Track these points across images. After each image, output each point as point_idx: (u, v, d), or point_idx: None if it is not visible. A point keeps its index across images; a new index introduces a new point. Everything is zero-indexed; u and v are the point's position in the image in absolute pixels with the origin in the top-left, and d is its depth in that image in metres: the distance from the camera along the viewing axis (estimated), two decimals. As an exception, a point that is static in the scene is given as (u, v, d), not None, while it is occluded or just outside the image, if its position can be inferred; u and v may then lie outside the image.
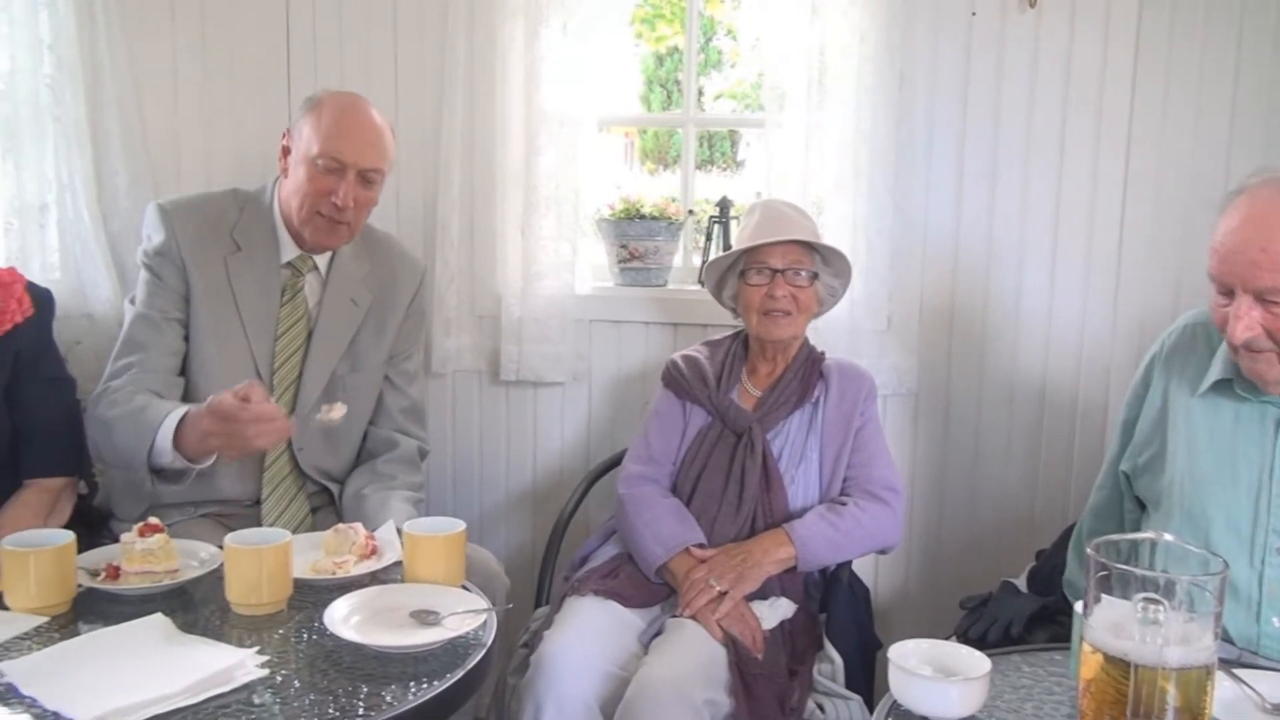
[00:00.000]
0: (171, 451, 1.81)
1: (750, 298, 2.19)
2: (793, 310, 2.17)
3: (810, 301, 2.20)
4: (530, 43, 2.64)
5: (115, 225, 2.57)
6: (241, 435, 1.73)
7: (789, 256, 2.17)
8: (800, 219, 2.22)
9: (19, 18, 2.39)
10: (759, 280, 2.18)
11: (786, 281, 2.16)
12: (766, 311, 2.17)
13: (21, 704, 1.28)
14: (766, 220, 2.21)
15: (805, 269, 2.17)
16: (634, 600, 2.06)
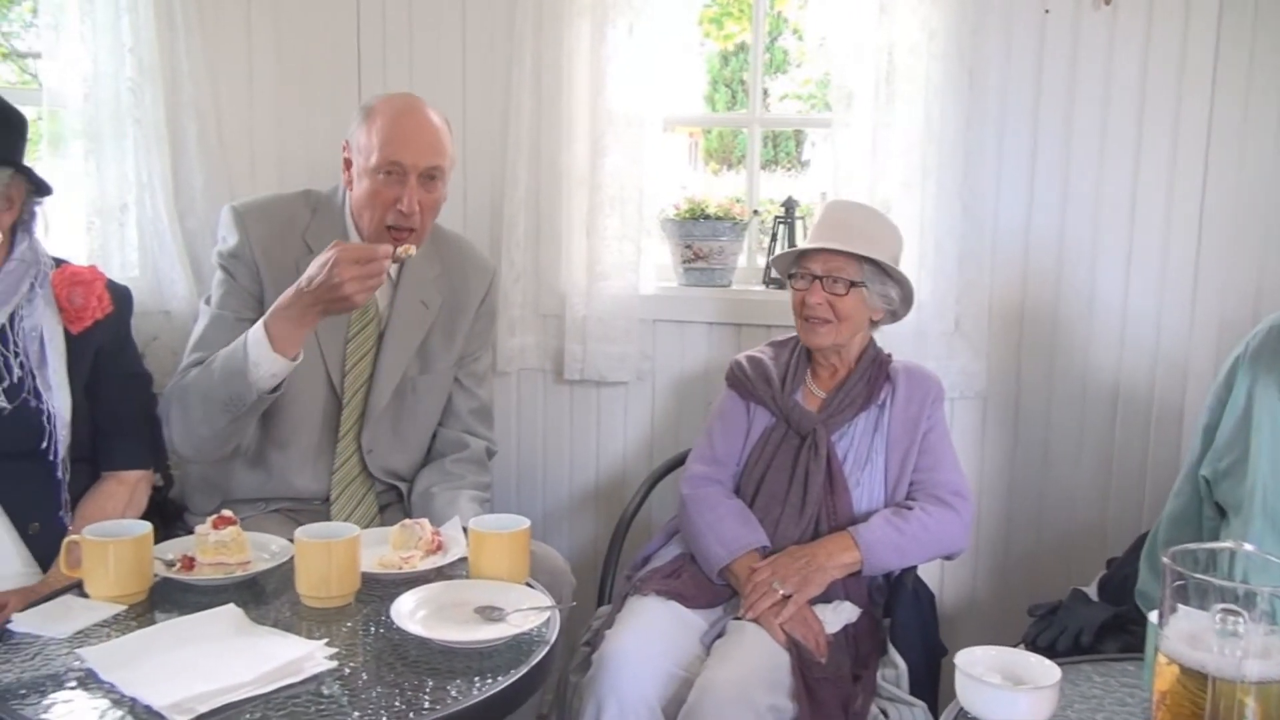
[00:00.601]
0: (270, 353, 1.86)
1: (793, 301, 2.20)
2: (830, 318, 2.15)
3: (851, 310, 2.16)
4: (596, 43, 2.65)
5: (191, 224, 2.63)
6: (375, 259, 1.81)
7: (829, 263, 2.14)
8: (862, 224, 2.18)
9: (102, 23, 2.46)
10: (800, 285, 2.18)
11: (824, 289, 2.14)
12: (805, 317, 2.17)
13: (101, 689, 1.32)
14: (822, 224, 2.20)
15: (843, 277, 2.13)
16: (696, 601, 2.05)
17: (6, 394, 1.86)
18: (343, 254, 1.81)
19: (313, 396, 2.14)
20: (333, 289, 1.81)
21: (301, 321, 1.87)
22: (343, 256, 1.80)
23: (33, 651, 1.44)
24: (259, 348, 1.87)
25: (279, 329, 1.87)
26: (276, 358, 1.87)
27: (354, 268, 1.80)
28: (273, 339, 1.86)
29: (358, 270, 1.80)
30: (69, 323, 1.96)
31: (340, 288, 1.81)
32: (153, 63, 2.52)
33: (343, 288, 1.81)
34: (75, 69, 2.45)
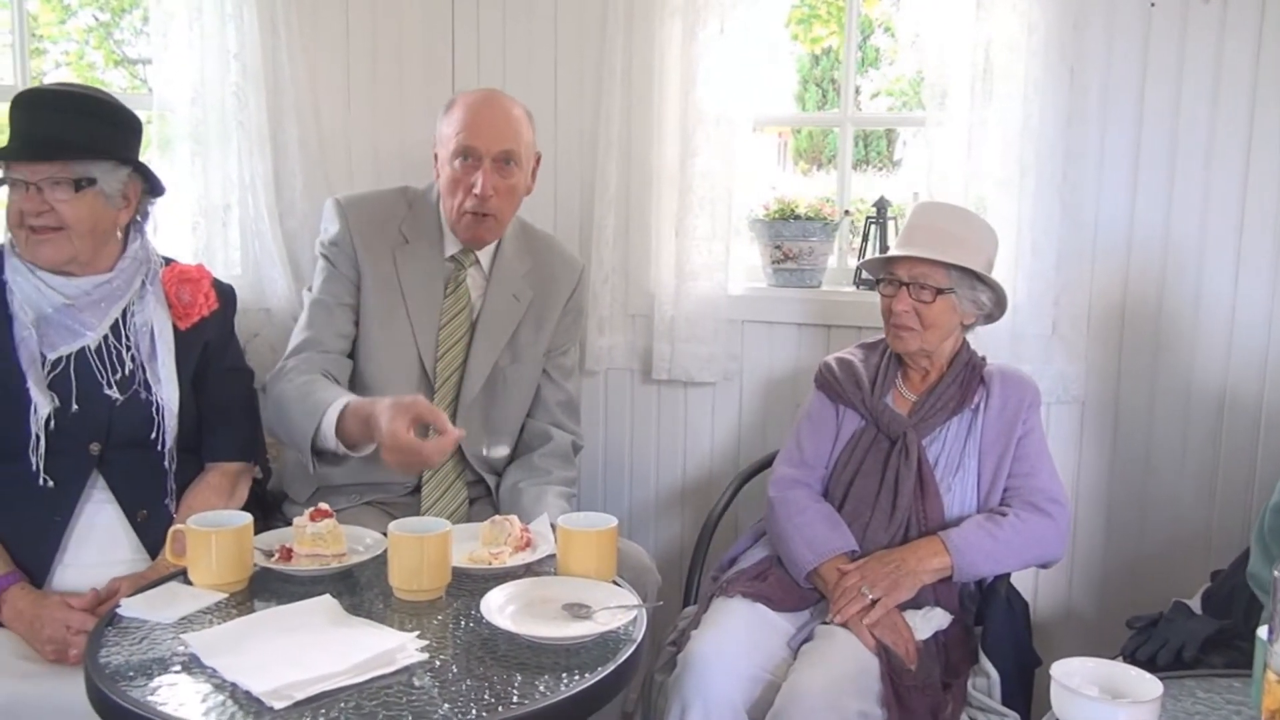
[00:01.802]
0: (334, 438, 1.89)
1: (881, 307, 2.17)
2: (916, 326, 2.11)
3: (938, 317, 2.11)
4: (687, 44, 2.65)
5: (291, 224, 2.70)
6: (420, 461, 1.81)
7: (915, 270, 2.10)
8: (953, 227, 2.14)
9: (209, 30, 2.54)
10: (888, 291, 2.15)
11: (910, 296, 2.10)
12: (891, 324, 2.14)
13: (203, 673, 1.37)
14: (910, 229, 2.16)
15: (930, 284, 2.09)
16: (783, 604, 2.04)
17: (119, 386, 1.93)
18: (389, 442, 1.79)
19: (406, 383, 2.20)
20: (423, 463, 1.84)
21: (367, 442, 1.89)
22: (388, 444, 1.79)
23: (140, 635, 1.49)
24: (329, 432, 1.90)
25: (348, 428, 1.89)
26: (339, 441, 1.91)
27: (395, 454, 1.80)
28: (341, 432, 1.89)
29: (397, 458, 1.80)
30: (177, 319, 2.02)
31: (428, 462, 1.83)
32: (256, 68, 2.59)
33: (430, 462, 1.84)
34: (183, 74, 2.54)
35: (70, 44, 5.42)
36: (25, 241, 1.88)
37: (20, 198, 1.86)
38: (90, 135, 1.89)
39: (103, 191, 1.91)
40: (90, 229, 1.90)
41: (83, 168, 1.88)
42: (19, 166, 1.85)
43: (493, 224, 2.19)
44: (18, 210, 1.86)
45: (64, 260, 1.90)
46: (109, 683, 1.34)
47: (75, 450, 1.89)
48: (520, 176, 2.20)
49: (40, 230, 1.86)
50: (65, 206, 1.86)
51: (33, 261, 1.90)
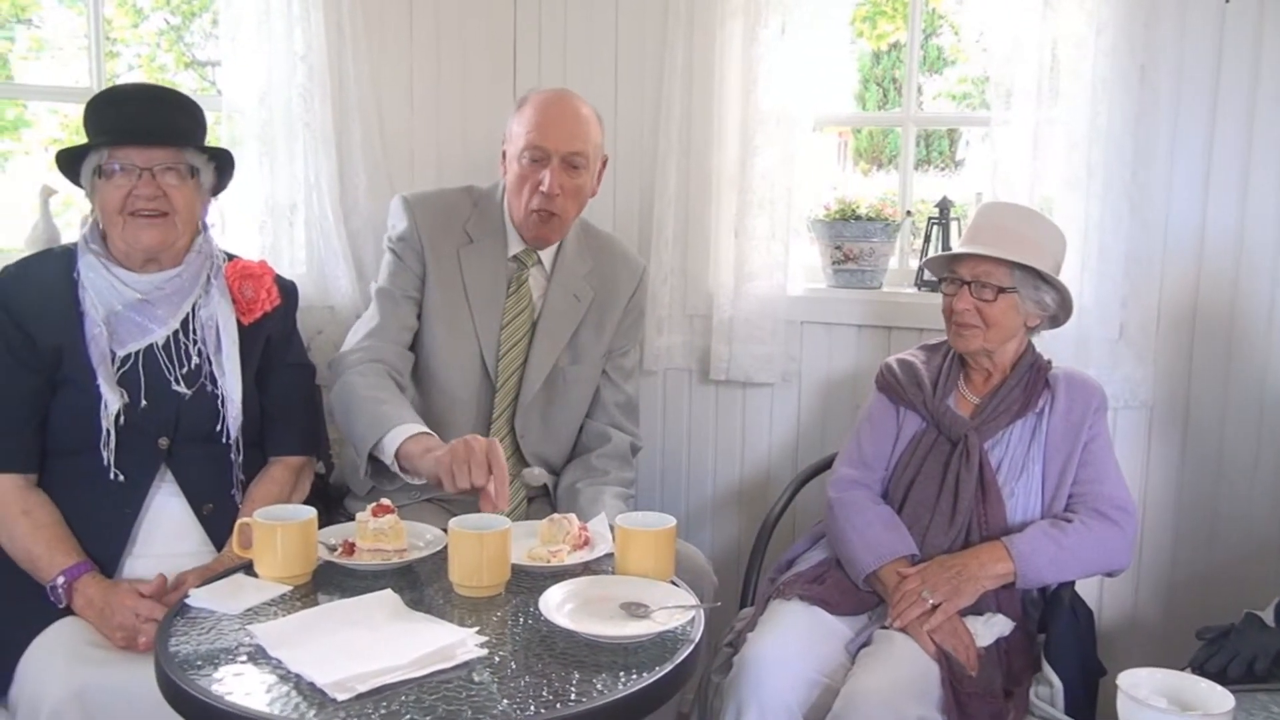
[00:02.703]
0: (393, 458, 1.88)
1: (943, 306, 2.14)
2: (978, 324, 2.08)
3: (1000, 317, 2.08)
4: (748, 43, 2.65)
5: (355, 223, 2.74)
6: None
7: (978, 269, 2.07)
8: (1018, 227, 2.10)
9: (277, 33, 2.58)
10: (949, 290, 2.12)
11: (972, 295, 2.07)
12: (953, 322, 2.11)
13: (268, 664, 1.39)
14: (974, 228, 2.13)
15: (992, 283, 2.06)
16: (841, 607, 2.02)
17: (186, 381, 1.97)
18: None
19: (468, 381, 2.22)
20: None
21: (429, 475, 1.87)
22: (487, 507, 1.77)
23: (208, 625, 1.52)
24: (389, 449, 1.89)
25: (407, 451, 1.87)
26: (395, 463, 1.90)
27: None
28: (400, 455, 1.88)
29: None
30: (241, 314, 2.06)
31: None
32: (322, 70, 2.63)
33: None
34: (251, 76, 2.59)
35: (143, 47, 5.56)
36: (124, 228, 1.92)
37: (129, 183, 1.90)
38: (191, 128, 1.97)
39: (201, 183, 1.98)
40: (190, 216, 1.97)
41: (191, 156, 1.95)
42: (133, 151, 1.90)
43: (557, 224, 2.20)
44: (123, 196, 1.90)
45: (165, 245, 1.95)
46: (178, 671, 1.37)
47: (144, 445, 1.93)
48: (587, 178, 2.22)
49: (147, 215, 1.91)
50: (176, 192, 1.92)
51: (133, 247, 1.94)
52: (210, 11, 4.80)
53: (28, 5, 4.81)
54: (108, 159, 1.91)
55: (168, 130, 1.93)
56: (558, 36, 2.91)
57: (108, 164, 1.91)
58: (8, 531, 1.86)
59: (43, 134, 4.95)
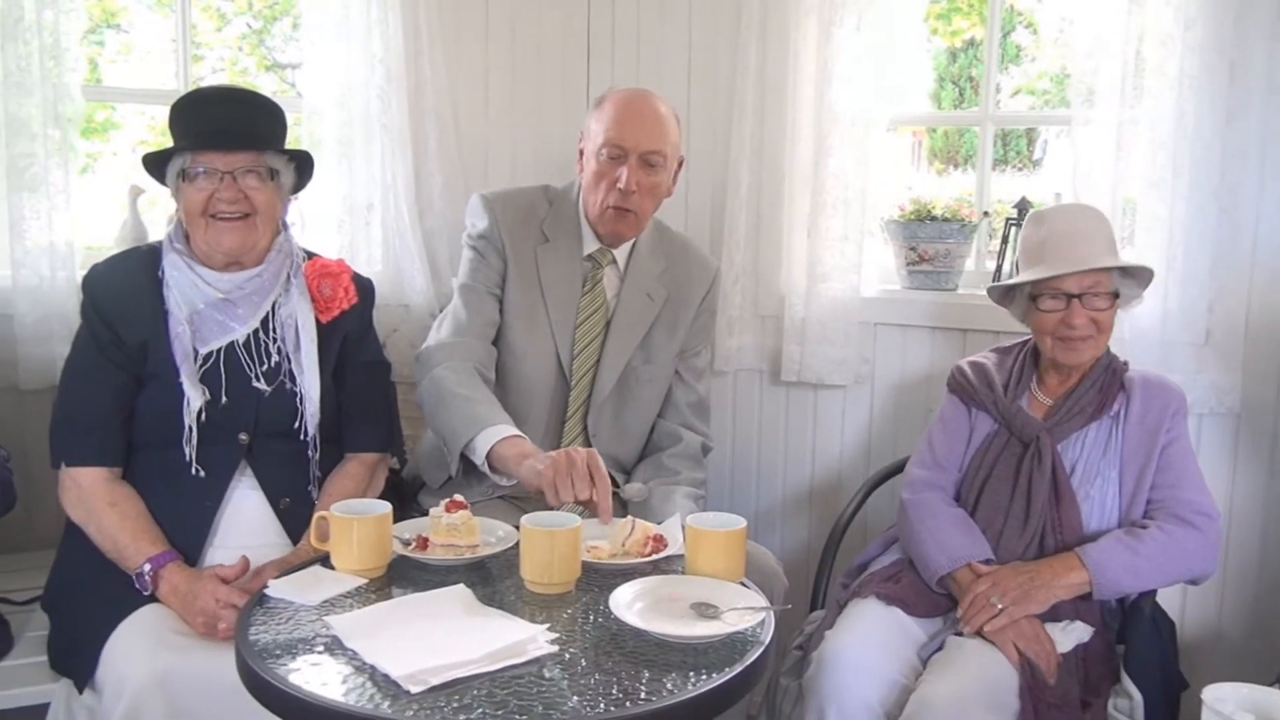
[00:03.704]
0: (484, 459, 1.91)
1: (1043, 323, 2.05)
2: (1093, 334, 2.02)
3: (1111, 321, 2.04)
4: (823, 42, 2.63)
5: (430, 223, 2.78)
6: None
7: (1086, 280, 2.00)
8: (1094, 227, 2.05)
9: (356, 36, 2.64)
10: (1052, 306, 2.03)
11: (1085, 307, 2.01)
12: (1064, 338, 2.03)
13: (344, 655, 1.42)
14: (1057, 237, 2.04)
15: (1105, 291, 2.01)
16: (917, 608, 2.00)
17: (266, 378, 2.01)
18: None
19: (543, 378, 2.24)
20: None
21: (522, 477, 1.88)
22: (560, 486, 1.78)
23: (286, 616, 1.55)
24: (481, 450, 1.92)
25: (500, 453, 1.90)
26: (486, 464, 1.92)
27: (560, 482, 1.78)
28: (492, 457, 1.90)
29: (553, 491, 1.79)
30: (319, 312, 2.09)
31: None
32: (399, 72, 2.68)
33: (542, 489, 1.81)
34: (330, 78, 2.64)
35: (226, 50, 5.70)
36: (206, 230, 1.96)
37: (211, 186, 1.94)
38: (271, 130, 2.00)
39: (281, 184, 2.01)
40: (270, 217, 2.01)
41: (271, 158, 1.98)
42: (214, 156, 1.94)
43: (633, 220, 2.21)
44: (205, 198, 1.95)
45: (247, 247, 1.99)
46: (258, 660, 1.40)
47: (225, 440, 1.97)
48: (664, 177, 2.22)
49: (229, 218, 1.95)
50: (256, 194, 1.96)
51: (215, 249, 1.98)
52: (290, 15, 4.91)
53: (117, 11, 4.97)
54: (191, 162, 1.96)
55: (249, 134, 1.97)
56: (630, 36, 2.91)
57: (191, 167, 1.95)
58: (96, 521, 1.91)
59: (131, 135, 5.10)
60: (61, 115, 2.36)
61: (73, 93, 2.38)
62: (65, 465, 1.96)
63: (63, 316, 2.34)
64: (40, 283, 2.36)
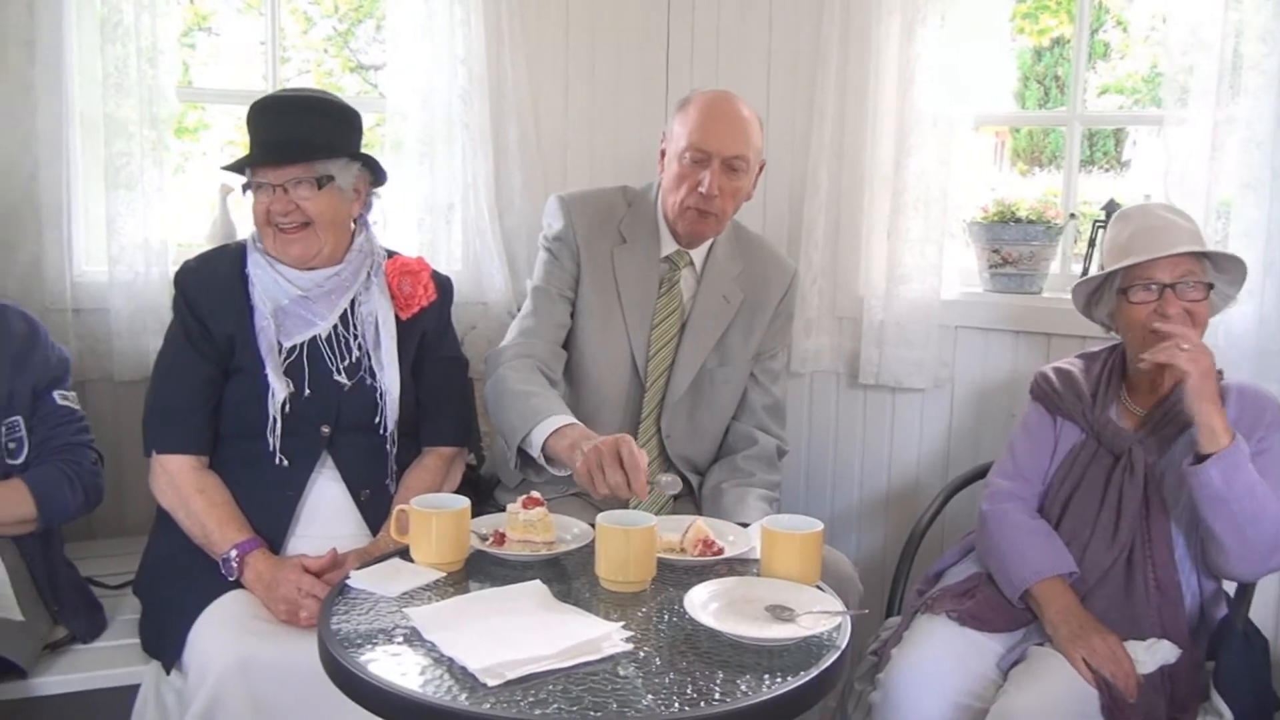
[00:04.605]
0: (539, 451, 1.91)
1: (1134, 316, 1.99)
2: (1187, 326, 1.94)
3: (1205, 315, 1.97)
4: (906, 41, 2.60)
5: (509, 222, 2.80)
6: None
7: (1179, 268, 1.94)
8: (1182, 222, 2.00)
9: (439, 37, 2.67)
10: (1144, 297, 1.97)
11: (1178, 296, 1.95)
12: (1155, 330, 1.95)
13: (423, 647, 1.44)
14: (1145, 230, 1.99)
15: (1199, 280, 1.95)
16: (992, 625, 1.95)
17: (347, 372, 2.05)
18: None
19: (618, 380, 2.25)
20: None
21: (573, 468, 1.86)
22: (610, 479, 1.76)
23: (367, 607, 1.58)
24: (537, 443, 1.91)
25: (554, 446, 1.89)
26: (542, 455, 1.91)
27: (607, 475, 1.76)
28: (547, 449, 1.89)
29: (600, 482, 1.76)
30: (399, 308, 2.12)
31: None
32: (481, 72, 2.70)
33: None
34: (413, 79, 2.68)
35: (311, 53, 5.81)
36: (274, 240, 2.02)
37: (267, 199, 1.99)
38: (325, 135, 2.02)
39: (339, 186, 2.03)
40: (331, 221, 2.03)
41: (322, 166, 2.00)
42: (265, 171, 1.99)
43: (713, 222, 2.20)
44: (264, 210, 2.00)
45: (311, 255, 2.03)
46: (339, 649, 1.42)
47: (307, 432, 2.02)
48: (746, 181, 2.21)
49: (289, 230, 2.00)
50: (309, 204, 1.99)
51: (283, 259, 2.03)
52: (374, 17, 4.99)
53: (209, 14, 5.10)
54: (251, 176, 2.01)
55: (297, 145, 1.99)
56: (710, 37, 2.91)
57: (252, 180, 2.01)
58: (185, 508, 1.97)
59: (220, 135, 5.22)
60: (157, 116, 2.43)
61: (167, 94, 2.45)
62: (156, 453, 2.02)
63: (156, 311, 2.41)
64: (135, 278, 2.44)
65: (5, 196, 2.35)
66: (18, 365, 1.99)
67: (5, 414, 1.97)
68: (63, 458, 1.99)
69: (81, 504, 2.00)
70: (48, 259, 2.40)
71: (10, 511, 1.91)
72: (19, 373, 1.99)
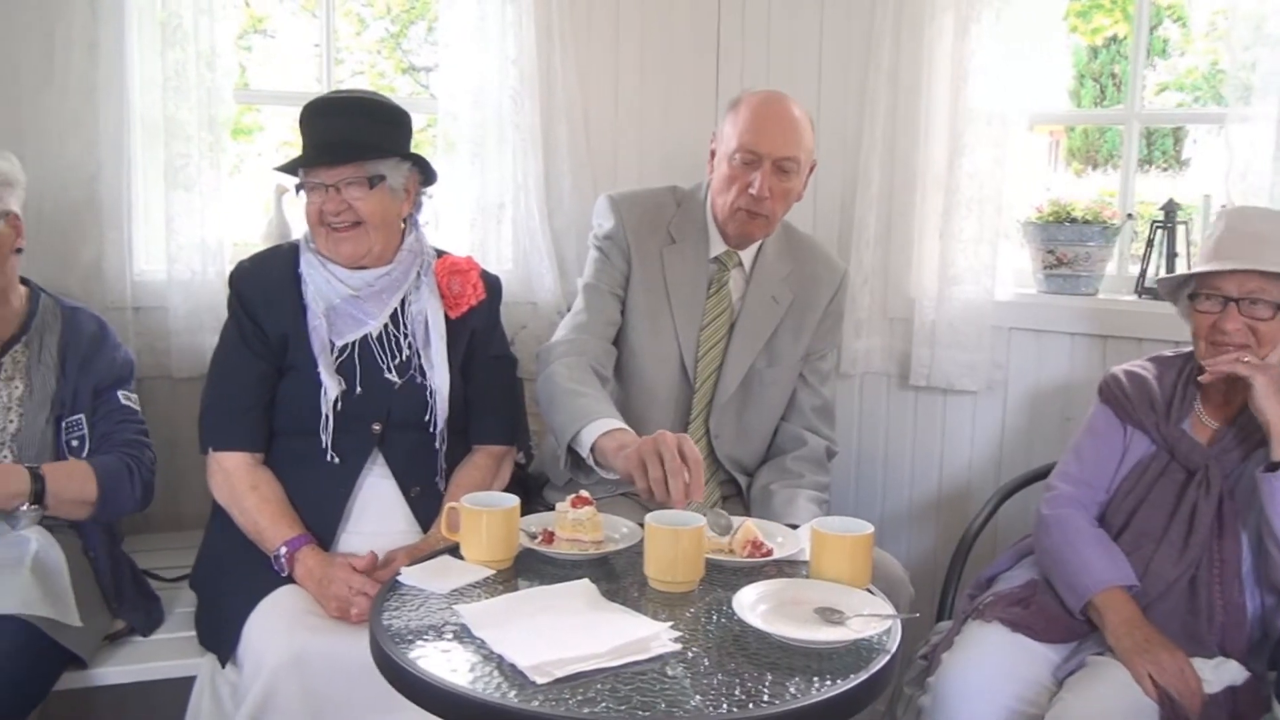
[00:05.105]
0: (589, 452, 1.90)
1: (1197, 324, 1.95)
2: (1250, 343, 1.89)
3: (1274, 335, 1.90)
4: (959, 39, 2.57)
5: (559, 222, 2.81)
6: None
7: (1249, 283, 1.88)
8: (1274, 233, 1.92)
9: (491, 39, 2.68)
10: (1208, 307, 1.92)
11: (1241, 313, 1.89)
12: (1214, 342, 1.92)
13: (472, 643, 1.44)
14: (1229, 237, 1.93)
15: (1266, 299, 1.88)
16: (1046, 634, 1.91)
17: (397, 371, 2.07)
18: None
19: (667, 380, 2.24)
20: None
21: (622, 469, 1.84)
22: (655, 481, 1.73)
23: (417, 603, 1.59)
24: (586, 443, 1.89)
25: (602, 446, 1.87)
26: (592, 456, 1.90)
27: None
28: (596, 450, 1.88)
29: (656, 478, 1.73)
30: (448, 308, 2.14)
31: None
32: (532, 73, 2.71)
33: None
34: (465, 80, 2.70)
35: (365, 55, 5.89)
36: (326, 239, 2.04)
37: (320, 199, 2.02)
38: (376, 136, 2.04)
39: (390, 186, 2.05)
40: (382, 221, 2.05)
41: (373, 166, 2.02)
42: (318, 171, 2.01)
43: (763, 224, 2.20)
44: (317, 210, 2.03)
45: (362, 254, 2.05)
46: (390, 644, 1.44)
47: (359, 429, 2.04)
48: (796, 182, 2.20)
49: (341, 229, 2.02)
50: (361, 203, 2.01)
51: (335, 258, 2.06)
52: (426, 19, 5.04)
53: (264, 17, 5.18)
54: (304, 176, 2.04)
55: (348, 146, 2.01)
56: (761, 35, 2.89)
57: (304, 181, 2.04)
58: (239, 504, 2.00)
59: (274, 136, 5.31)
60: (214, 118, 2.47)
61: (225, 96, 2.49)
62: (212, 450, 2.05)
63: (212, 309, 2.45)
64: (192, 277, 2.48)
65: (69, 198, 2.40)
66: (84, 366, 2.05)
67: (69, 412, 2.03)
68: (124, 450, 2.03)
69: (139, 499, 2.04)
70: (109, 258, 2.45)
71: (75, 490, 1.93)
72: (84, 373, 2.05)
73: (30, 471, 1.88)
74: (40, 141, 2.37)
